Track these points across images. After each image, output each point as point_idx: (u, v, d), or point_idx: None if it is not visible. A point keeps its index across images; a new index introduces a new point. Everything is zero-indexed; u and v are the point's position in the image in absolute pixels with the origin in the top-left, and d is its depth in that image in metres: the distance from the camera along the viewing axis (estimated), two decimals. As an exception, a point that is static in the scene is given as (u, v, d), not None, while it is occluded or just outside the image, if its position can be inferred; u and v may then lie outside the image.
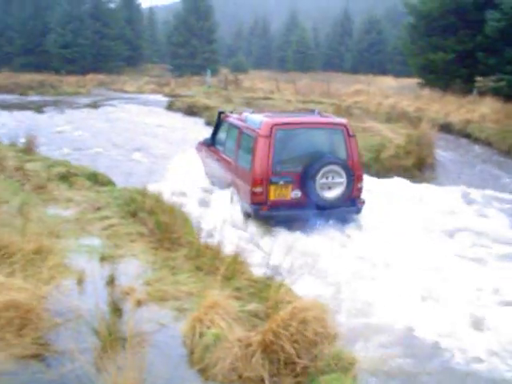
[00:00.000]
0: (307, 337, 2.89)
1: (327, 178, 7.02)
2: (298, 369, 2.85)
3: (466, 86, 21.13)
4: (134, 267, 3.90)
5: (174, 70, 54.51)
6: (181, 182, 8.91)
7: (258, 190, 6.95)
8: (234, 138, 8.06)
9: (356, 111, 18.61)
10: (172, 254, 4.20)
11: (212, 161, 8.98)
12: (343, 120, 7.81)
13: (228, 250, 4.35)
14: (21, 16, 56.19)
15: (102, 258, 4.04)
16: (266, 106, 20.71)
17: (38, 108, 23.93)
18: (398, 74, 48.92)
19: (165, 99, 28.07)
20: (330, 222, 7.14)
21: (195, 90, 31.08)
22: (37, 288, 3.16)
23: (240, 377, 2.80)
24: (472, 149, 14.17)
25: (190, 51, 56.25)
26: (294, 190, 7.09)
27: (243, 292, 3.50)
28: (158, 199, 5.48)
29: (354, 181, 7.16)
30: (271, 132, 7.01)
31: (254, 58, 78.03)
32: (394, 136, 12.84)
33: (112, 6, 60.43)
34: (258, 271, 4.19)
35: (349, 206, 7.31)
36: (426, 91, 25.92)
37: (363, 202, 7.45)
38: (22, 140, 9.86)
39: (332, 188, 7.09)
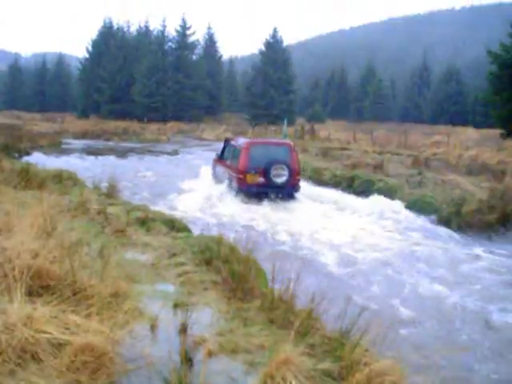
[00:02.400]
0: (384, 403, 2.71)
1: (277, 170, 12.30)
2: None
3: (554, 139, 20.23)
4: (207, 316, 3.87)
5: (252, 120, 55.63)
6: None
7: (241, 176, 12.45)
8: (231, 151, 13.77)
9: (435, 163, 18.15)
10: (245, 304, 4.14)
11: (220, 165, 14.83)
12: (289, 141, 14.20)
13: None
14: (111, 68, 59.96)
15: (176, 305, 4.04)
16: (342, 156, 20.61)
17: (121, 153, 25.09)
18: (478, 125, 47.58)
19: (241, 148, 28.54)
20: (279, 195, 12.38)
21: (271, 139, 31.46)
22: (111, 332, 3.18)
23: None
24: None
25: (268, 101, 57.51)
26: (260, 178, 12.41)
27: (317, 349, 3.36)
28: (232, 248, 5.48)
29: (293, 174, 12.49)
30: (248, 147, 12.75)
31: (331, 108, 78.54)
32: (476, 190, 12.38)
33: (194, 58, 63.26)
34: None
35: (290, 187, 12.60)
36: (510, 143, 24.96)
37: (300, 187, 12.93)
38: (105, 184, 10.32)
39: (280, 177, 12.34)
